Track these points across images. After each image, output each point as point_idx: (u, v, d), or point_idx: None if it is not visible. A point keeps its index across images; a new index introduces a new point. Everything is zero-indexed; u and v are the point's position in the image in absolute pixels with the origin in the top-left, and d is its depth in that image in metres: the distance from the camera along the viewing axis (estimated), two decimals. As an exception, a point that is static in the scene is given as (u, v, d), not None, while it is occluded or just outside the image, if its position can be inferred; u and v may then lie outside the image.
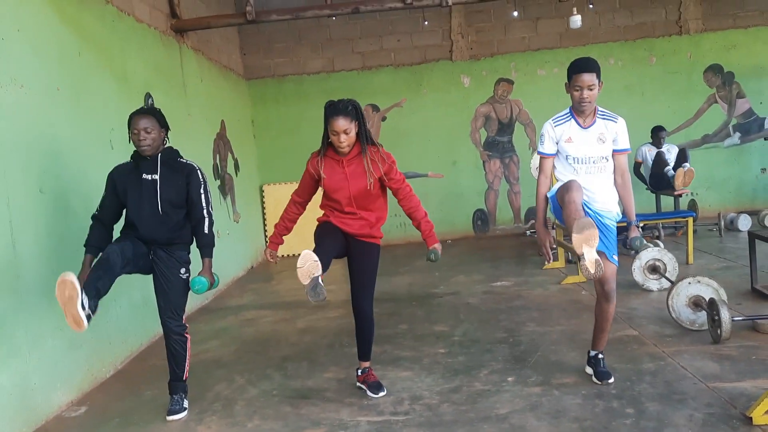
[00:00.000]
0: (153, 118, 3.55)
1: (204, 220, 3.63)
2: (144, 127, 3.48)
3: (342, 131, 3.40)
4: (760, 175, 9.77)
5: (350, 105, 3.44)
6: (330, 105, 3.46)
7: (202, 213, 3.63)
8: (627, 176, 3.58)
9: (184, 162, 3.67)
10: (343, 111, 3.40)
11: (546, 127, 3.57)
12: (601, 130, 3.46)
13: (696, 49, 9.62)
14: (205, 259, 3.65)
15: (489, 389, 3.67)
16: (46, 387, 3.76)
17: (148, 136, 3.49)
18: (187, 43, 7.04)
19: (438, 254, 3.70)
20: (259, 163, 9.89)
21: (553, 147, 3.55)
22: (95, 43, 4.89)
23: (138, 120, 3.51)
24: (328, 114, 3.43)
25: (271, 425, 3.43)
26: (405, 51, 9.81)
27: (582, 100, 3.38)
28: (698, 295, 4.39)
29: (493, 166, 9.98)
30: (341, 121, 3.39)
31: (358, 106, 3.49)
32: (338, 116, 3.39)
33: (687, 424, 3.00)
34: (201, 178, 3.66)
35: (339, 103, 3.43)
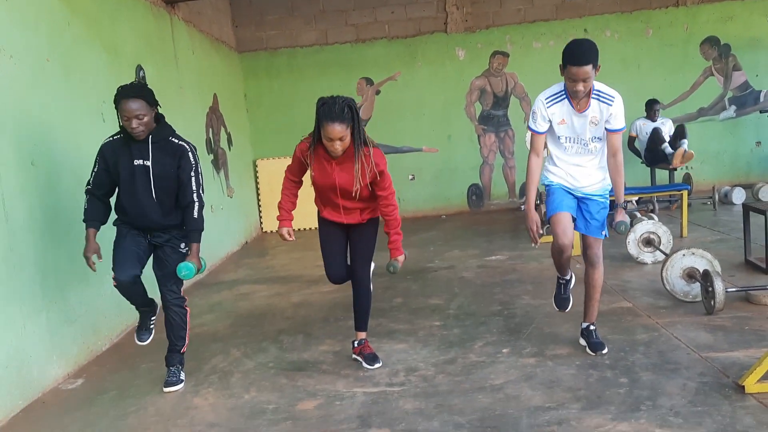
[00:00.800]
0: (143, 100, 3.32)
1: (194, 204, 3.52)
2: (136, 114, 3.29)
3: (337, 138, 3.23)
4: (755, 149, 9.78)
5: (346, 107, 3.22)
6: (324, 105, 3.23)
7: (192, 197, 3.51)
8: (619, 157, 3.45)
9: (176, 143, 3.51)
10: (339, 117, 3.18)
11: (538, 105, 3.44)
12: (595, 112, 3.36)
13: (693, 21, 9.54)
14: (192, 243, 3.56)
15: (484, 360, 3.69)
16: (42, 360, 3.76)
17: (140, 122, 3.32)
18: (178, 14, 6.93)
19: (398, 267, 3.56)
20: (252, 138, 9.82)
21: (544, 125, 3.45)
22: (85, 14, 4.80)
23: (128, 104, 3.29)
24: (322, 117, 3.22)
25: (268, 396, 3.44)
26: (399, 23, 9.69)
27: (576, 93, 3.27)
28: (692, 267, 4.41)
29: (488, 141, 9.94)
30: (337, 128, 3.20)
31: (354, 107, 3.27)
32: (334, 123, 3.19)
33: (680, 392, 3.03)
34: (192, 160, 3.51)
35: (335, 106, 3.20)
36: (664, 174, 8.53)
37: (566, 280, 3.86)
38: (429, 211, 9.97)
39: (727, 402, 2.89)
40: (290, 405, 3.31)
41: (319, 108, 3.24)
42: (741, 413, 2.78)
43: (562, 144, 3.49)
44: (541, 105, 3.42)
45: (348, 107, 3.23)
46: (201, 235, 3.60)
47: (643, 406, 2.93)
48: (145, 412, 3.40)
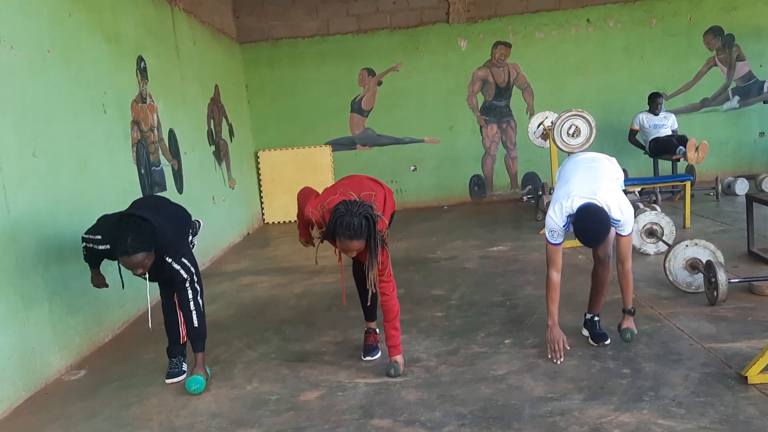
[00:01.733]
0: (144, 252, 3.07)
1: (192, 314, 3.46)
2: (141, 265, 3.10)
3: (354, 250, 3.10)
4: (759, 139, 9.74)
5: (363, 221, 3.02)
6: (340, 218, 3.00)
7: (189, 306, 3.45)
8: (628, 265, 3.48)
9: (168, 264, 3.34)
10: (356, 234, 3.01)
11: (553, 225, 3.37)
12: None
13: (696, 11, 9.48)
14: (197, 353, 3.50)
15: (486, 351, 3.69)
16: (44, 351, 3.77)
17: (145, 269, 3.15)
18: (179, 4, 6.89)
19: (399, 370, 3.42)
20: (254, 129, 9.79)
21: (562, 238, 3.41)
22: (86, 4, 4.78)
23: (129, 261, 3.07)
24: (338, 233, 3.02)
25: (270, 387, 3.45)
26: (401, 13, 9.64)
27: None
28: (695, 257, 4.40)
29: (490, 131, 9.91)
30: (354, 244, 3.06)
31: (371, 218, 3.05)
32: (352, 240, 3.04)
33: (683, 383, 3.03)
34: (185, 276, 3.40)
35: (352, 221, 2.98)
36: (666, 165, 8.50)
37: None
38: (431, 201, 9.95)
39: (729, 392, 2.89)
40: (292, 395, 3.31)
41: (336, 220, 3.03)
42: (744, 403, 2.78)
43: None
44: (557, 227, 3.37)
45: (366, 220, 3.03)
46: (205, 343, 3.53)
47: (646, 396, 2.93)
48: (147, 402, 3.41)
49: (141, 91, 5.63)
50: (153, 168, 5.73)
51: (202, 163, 7.16)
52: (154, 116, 5.89)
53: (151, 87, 5.86)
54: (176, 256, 3.37)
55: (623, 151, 8.84)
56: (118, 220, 3.17)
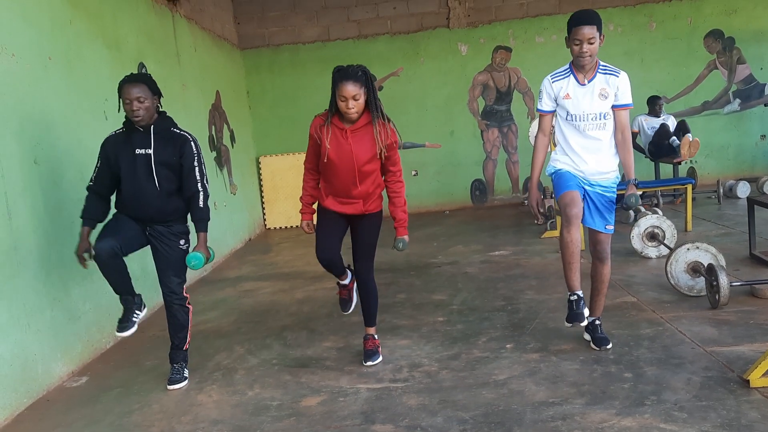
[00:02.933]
0: (144, 85, 3.42)
1: (199, 194, 3.54)
2: (137, 97, 3.36)
3: (351, 97, 3.30)
4: (760, 142, 9.73)
5: (360, 71, 3.34)
6: (339, 70, 3.35)
7: (197, 186, 3.54)
8: (627, 133, 3.50)
9: (177, 132, 3.56)
10: (353, 76, 3.29)
11: (544, 83, 3.54)
12: (602, 85, 3.42)
13: (696, 14, 9.49)
14: (200, 233, 3.57)
15: (488, 356, 3.69)
16: (46, 357, 3.77)
17: (141, 106, 3.38)
18: (180, 11, 6.92)
19: (406, 244, 3.63)
20: (255, 135, 9.81)
21: (551, 104, 3.53)
22: (87, 11, 4.80)
23: (130, 89, 3.38)
24: (336, 79, 3.33)
25: (272, 393, 3.45)
26: (401, 19, 9.67)
27: (581, 54, 3.34)
28: (697, 261, 4.39)
29: (491, 136, 9.92)
30: (350, 86, 3.28)
31: (368, 73, 3.37)
32: (348, 81, 3.29)
33: (685, 387, 3.02)
34: (195, 150, 3.56)
35: (348, 68, 3.33)
36: (668, 168, 8.50)
37: (578, 296, 3.48)
38: (432, 206, 9.96)
39: (732, 396, 2.88)
40: (294, 401, 3.31)
41: (335, 72, 3.35)
42: (746, 407, 2.77)
43: (571, 123, 3.48)
44: (547, 83, 3.53)
45: (362, 71, 3.34)
46: (207, 224, 3.61)
47: (648, 400, 2.93)
48: (149, 409, 3.40)
49: (142, 97, 5.64)
50: (154, 174, 5.72)
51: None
52: (156, 123, 5.90)
53: (153, 93, 5.87)
54: (185, 130, 3.61)
55: None
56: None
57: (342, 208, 3.60)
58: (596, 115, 3.44)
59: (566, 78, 3.47)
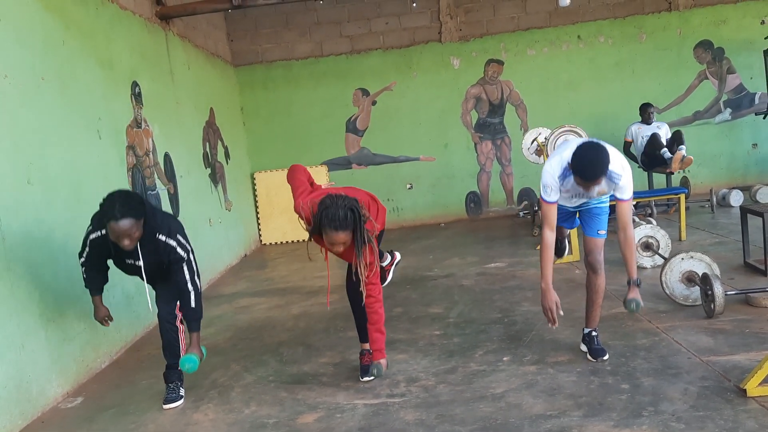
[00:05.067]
0: (131, 218, 3.15)
1: (190, 294, 3.48)
2: (127, 234, 3.16)
3: (340, 242, 3.15)
4: (752, 151, 9.79)
5: (349, 212, 3.10)
6: (326, 210, 3.08)
7: (187, 287, 3.48)
8: (629, 231, 3.42)
9: (162, 242, 3.38)
10: (342, 225, 3.08)
11: (549, 180, 3.38)
12: (602, 188, 3.38)
13: (686, 25, 9.58)
14: (192, 333, 3.53)
15: (485, 369, 3.68)
16: (41, 379, 3.75)
17: (132, 239, 3.22)
18: (173, 29, 6.96)
19: (382, 370, 3.47)
20: (250, 151, 9.83)
21: (556, 195, 3.42)
22: (79, 32, 4.82)
23: (116, 227, 3.13)
24: (324, 223, 3.10)
25: (268, 411, 3.43)
26: (394, 33, 9.73)
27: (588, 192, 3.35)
28: (691, 270, 4.40)
29: (484, 148, 9.96)
30: (340, 236, 3.12)
31: (356, 211, 3.13)
32: (337, 231, 3.10)
33: (682, 397, 3.02)
34: (181, 254, 3.43)
35: (338, 212, 3.07)
36: (661, 178, 8.54)
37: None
38: (427, 219, 9.97)
39: (729, 406, 2.88)
40: (291, 419, 3.29)
41: (321, 213, 3.11)
42: (743, 417, 2.77)
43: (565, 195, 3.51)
44: (553, 181, 3.37)
45: (351, 212, 3.11)
46: (200, 323, 3.56)
47: (645, 411, 2.92)
48: (145, 428, 3.38)
49: (136, 115, 5.66)
50: (149, 192, 5.74)
51: (198, 186, 7.17)
52: (150, 141, 5.91)
53: (146, 112, 5.89)
54: (170, 233, 3.40)
55: None
56: (106, 197, 3.22)
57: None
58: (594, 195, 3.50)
59: (568, 178, 3.35)
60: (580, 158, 3.18)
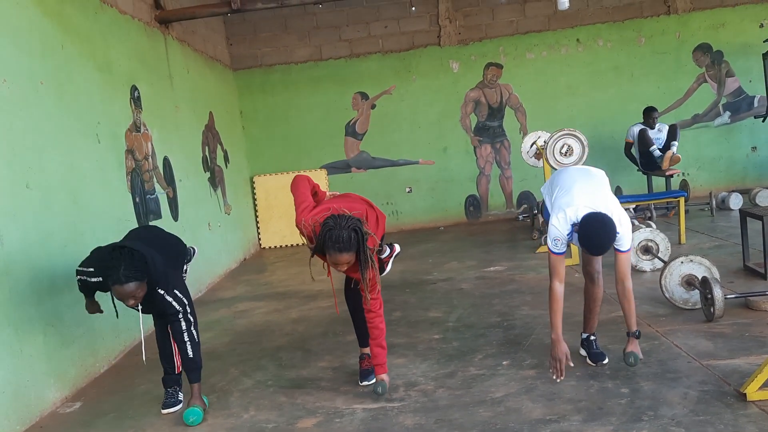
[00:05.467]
0: (137, 282, 3.12)
1: (186, 345, 3.43)
2: (132, 295, 3.13)
3: (344, 263, 3.13)
4: (751, 154, 9.79)
5: (352, 233, 3.06)
6: (329, 232, 3.05)
7: (183, 337, 3.43)
8: (628, 284, 3.39)
9: (160, 295, 3.33)
10: (345, 247, 3.05)
11: (556, 233, 3.33)
12: None
13: (684, 29, 9.59)
14: (193, 384, 3.46)
15: (484, 373, 3.67)
16: (39, 383, 3.74)
17: (137, 299, 3.18)
18: (172, 34, 6.96)
19: (386, 388, 3.40)
20: (249, 155, 9.82)
21: (565, 246, 3.38)
22: (78, 36, 4.82)
23: (122, 290, 3.10)
24: (328, 246, 3.07)
25: (267, 415, 3.42)
26: (393, 37, 9.74)
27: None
28: (691, 274, 4.39)
29: (484, 152, 9.96)
30: (344, 257, 3.09)
31: (360, 231, 3.09)
32: (341, 253, 3.07)
33: (681, 401, 3.01)
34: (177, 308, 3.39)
35: (341, 234, 3.03)
36: (661, 181, 8.54)
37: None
38: (427, 222, 9.96)
39: (729, 410, 2.87)
40: (289, 423, 3.28)
41: (325, 234, 3.07)
42: (743, 421, 2.76)
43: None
44: (562, 235, 3.33)
45: (354, 233, 3.07)
46: (200, 374, 3.50)
47: (645, 416, 2.91)
48: (143, 434, 3.37)
49: (135, 120, 5.66)
50: (148, 196, 5.73)
51: (197, 190, 7.17)
52: (149, 144, 5.91)
53: (145, 116, 5.89)
54: (168, 288, 3.35)
55: (616, 169, 8.89)
56: (110, 252, 3.17)
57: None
58: None
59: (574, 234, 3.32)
60: (588, 236, 3.18)
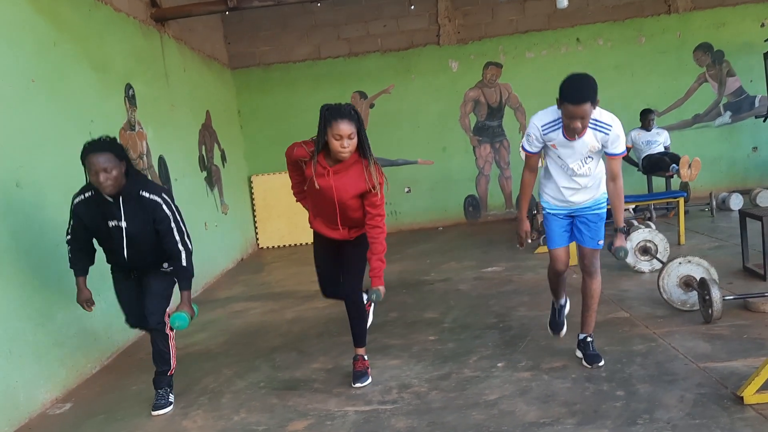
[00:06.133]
0: (110, 153, 3.20)
1: (180, 254, 3.45)
2: (103, 168, 3.17)
3: (347, 136, 3.21)
4: (752, 154, 9.73)
5: (352, 109, 3.27)
6: (329, 108, 3.25)
7: (177, 247, 3.44)
8: (619, 182, 3.40)
9: (147, 198, 3.36)
10: (347, 115, 3.22)
11: (533, 129, 3.37)
12: (592, 142, 3.29)
13: (685, 28, 9.53)
14: (183, 291, 3.50)
15: (478, 375, 3.62)
16: (28, 384, 3.70)
17: (108, 176, 3.19)
18: (169, 32, 6.92)
19: (380, 295, 3.47)
20: (247, 154, 9.78)
21: (538, 147, 3.43)
22: (71, 34, 4.78)
23: (94, 158, 3.17)
24: (329, 117, 3.21)
25: (257, 418, 3.37)
26: (392, 36, 9.69)
27: (575, 129, 3.20)
28: (689, 275, 4.34)
29: (483, 152, 9.91)
30: (345, 125, 3.20)
31: (358, 112, 3.32)
32: (343, 120, 3.20)
33: (678, 405, 2.96)
34: (168, 212, 3.40)
35: (341, 107, 3.25)
36: (660, 181, 8.48)
37: (561, 306, 3.84)
38: (426, 223, 9.91)
39: (725, 414, 2.83)
40: (280, 426, 3.24)
41: (325, 111, 3.26)
42: (740, 425, 2.71)
43: (555, 160, 3.46)
44: (537, 131, 3.36)
45: (353, 110, 3.29)
46: (191, 281, 3.52)
47: (640, 419, 2.86)
48: (132, 435, 3.33)
49: (129, 118, 5.62)
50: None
51: (193, 190, 7.12)
52: (143, 143, 5.87)
53: (140, 114, 5.85)
54: (154, 191, 3.39)
55: None
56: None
57: (329, 233, 3.59)
58: (583, 161, 3.38)
59: (556, 130, 3.32)
60: (568, 83, 3.17)
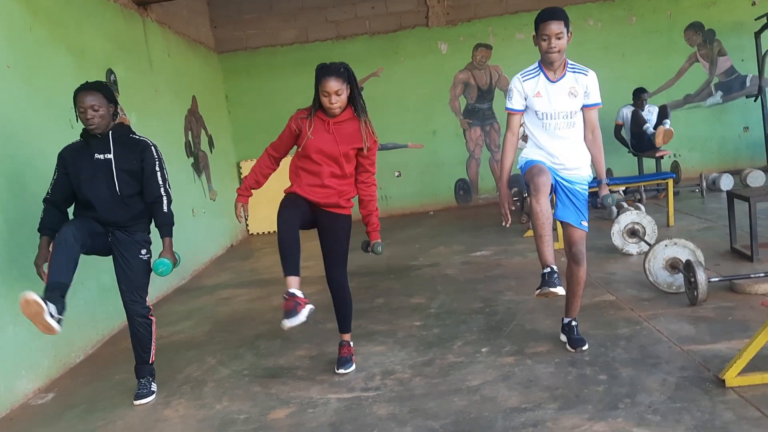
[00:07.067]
0: (99, 93, 3.38)
1: (162, 199, 3.52)
2: (91, 105, 3.33)
3: (333, 92, 3.34)
4: (743, 134, 9.70)
5: (342, 67, 3.40)
6: (321, 67, 3.41)
7: (159, 191, 3.52)
8: (597, 132, 3.52)
9: (137, 138, 3.54)
10: (335, 72, 3.35)
11: (514, 82, 3.48)
12: (572, 83, 3.38)
13: (676, 8, 9.45)
14: (165, 238, 3.53)
15: (462, 361, 3.60)
16: (9, 375, 3.66)
17: (96, 114, 3.36)
18: (152, 16, 6.81)
19: (383, 246, 3.71)
20: (235, 139, 9.70)
21: (521, 103, 3.47)
22: (48, 18, 4.69)
23: (83, 97, 3.35)
24: (319, 75, 3.37)
25: (240, 406, 3.35)
26: (380, 18, 9.58)
27: (550, 50, 3.27)
28: (675, 257, 4.32)
29: (473, 134, 9.85)
30: (333, 82, 3.33)
31: (350, 70, 3.43)
32: (330, 77, 3.34)
33: (660, 388, 2.95)
34: (156, 155, 3.53)
35: (331, 65, 3.39)
36: (651, 163, 8.45)
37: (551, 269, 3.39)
38: (416, 207, 9.87)
39: (707, 397, 2.81)
40: (262, 414, 3.22)
41: (317, 69, 3.39)
42: (721, 408, 2.69)
43: (541, 121, 3.44)
44: (518, 82, 3.46)
45: (344, 67, 3.40)
46: (172, 229, 3.57)
47: (621, 403, 2.85)
48: (113, 426, 3.30)
49: (111, 104, 5.53)
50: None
51: (179, 176, 7.03)
52: (126, 130, 5.79)
53: (122, 100, 5.76)
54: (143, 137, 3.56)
55: (607, 151, 8.50)
56: None
57: (313, 195, 3.47)
58: (566, 113, 3.40)
59: (536, 77, 3.42)
60: (541, 10, 3.36)
